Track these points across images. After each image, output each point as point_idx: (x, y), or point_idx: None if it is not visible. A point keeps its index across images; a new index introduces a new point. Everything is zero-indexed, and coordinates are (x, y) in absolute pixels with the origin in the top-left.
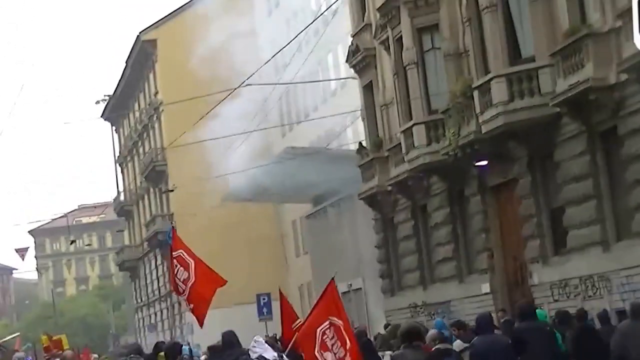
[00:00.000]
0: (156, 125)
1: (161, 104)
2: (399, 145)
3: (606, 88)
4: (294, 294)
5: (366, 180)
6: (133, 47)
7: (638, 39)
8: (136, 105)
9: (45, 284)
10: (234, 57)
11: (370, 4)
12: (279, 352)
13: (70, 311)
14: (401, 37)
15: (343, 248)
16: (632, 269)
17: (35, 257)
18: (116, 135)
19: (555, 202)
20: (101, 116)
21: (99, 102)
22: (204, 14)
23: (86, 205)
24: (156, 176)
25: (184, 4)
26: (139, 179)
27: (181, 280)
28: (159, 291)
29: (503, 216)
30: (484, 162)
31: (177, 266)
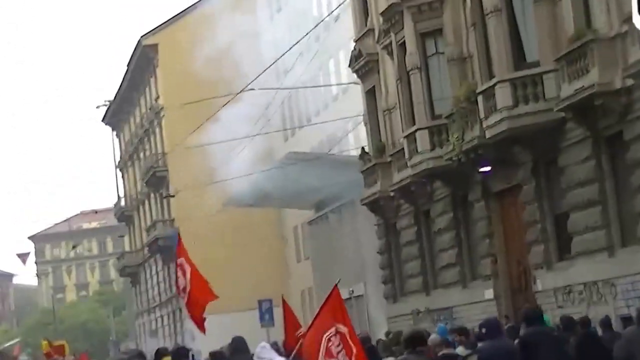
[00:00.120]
0: (157, 130)
1: (162, 108)
2: (402, 151)
3: (612, 93)
4: (296, 300)
5: (369, 185)
6: (134, 51)
7: (638, 19)
8: (137, 109)
9: (45, 289)
10: (236, 61)
11: (373, 9)
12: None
13: (71, 317)
14: (404, 41)
15: (345, 254)
16: (638, 275)
17: (35, 263)
18: (117, 140)
19: (560, 207)
20: (102, 121)
21: (99, 106)
22: (205, 18)
23: (87, 210)
24: (157, 181)
25: (185, 9)
26: (140, 184)
27: (181, 288)
28: (160, 297)
29: (507, 222)
30: (488, 167)
31: (179, 273)
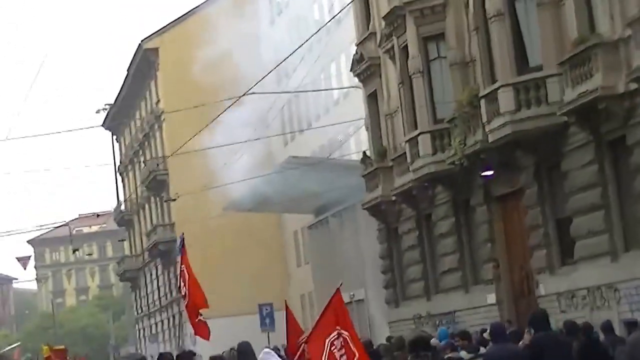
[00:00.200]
0: (157, 134)
1: (163, 112)
2: (403, 155)
3: (615, 97)
4: (296, 304)
5: (370, 189)
6: (135, 55)
7: None
8: (137, 113)
9: (44, 294)
10: (236, 65)
11: (375, 13)
12: None
13: (70, 322)
14: (407, 45)
15: (345, 258)
16: None
17: (34, 267)
18: (117, 144)
19: (562, 212)
20: (102, 125)
21: (99, 111)
22: (206, 22)
23: (86, 214)
24: (157, 185)
25: (186, 13)
26: (140, 188)
27: (182, 294)
28: (160, 301)
29: (509, 226)
30: (490, 171)
31: (181, 280)
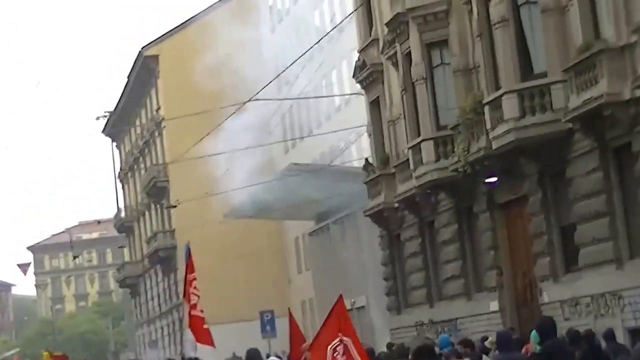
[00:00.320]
0: (158, 141)
1: (163, 119)
2: (406, 162)
3: (621, 104)
4: (296, 311)
5: (372, 196)
6: (135, 62)
7: None
8: (137, 120)
9: (44, 300)
10: (237, 72)
11: (378, 19)
12: None
13: (70, 328)
14: (410, 52)
15: (346, 265)
16: None
17: (34, 274)
18: (117, 151)
19: (567, 219)
20: (102, 132)
21: (99, 118)
22: (206, 29)
23: (86, 221)
24: (157, 192)
25: (186, 20)
26: (140, 195)
27: (193, 302)
28: (160, 308)
29: (512, 233)
30: (494, 178)
31: (191, 289)
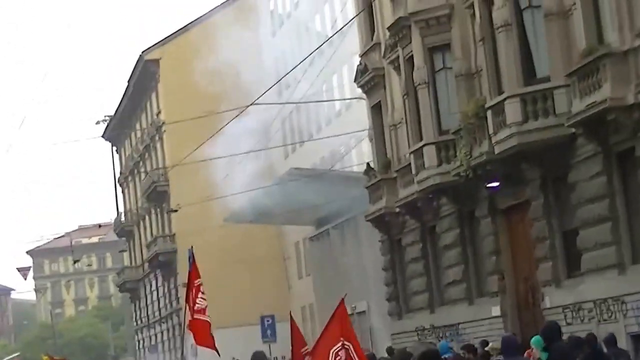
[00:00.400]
0: (158, 145)
1: (163, 123)
2: (408, 166)
3: (624, 108)
4: (297, 316)
5: (374, 201)
6: (136, 66)
7: None
8: (138, 125)
9: (43, 304)
10: (237, 77)
11: (379, 23)
12: None
13: (69, 332)
14: (412, 56)
15: (346, 270)
16: None
17: (33, 278)
18: (117, 155)
19: (569, 224)
20: (102, 136)
21: (99, 122)
22: (207, 33)
23: (86, 225)
24: (158, 196)
25: (187, 24)
26: (140, 199)
27: (202, 307)
28: (160, 312)
29: (514, 238)
30: (496, 183)
31: (198, 294)
